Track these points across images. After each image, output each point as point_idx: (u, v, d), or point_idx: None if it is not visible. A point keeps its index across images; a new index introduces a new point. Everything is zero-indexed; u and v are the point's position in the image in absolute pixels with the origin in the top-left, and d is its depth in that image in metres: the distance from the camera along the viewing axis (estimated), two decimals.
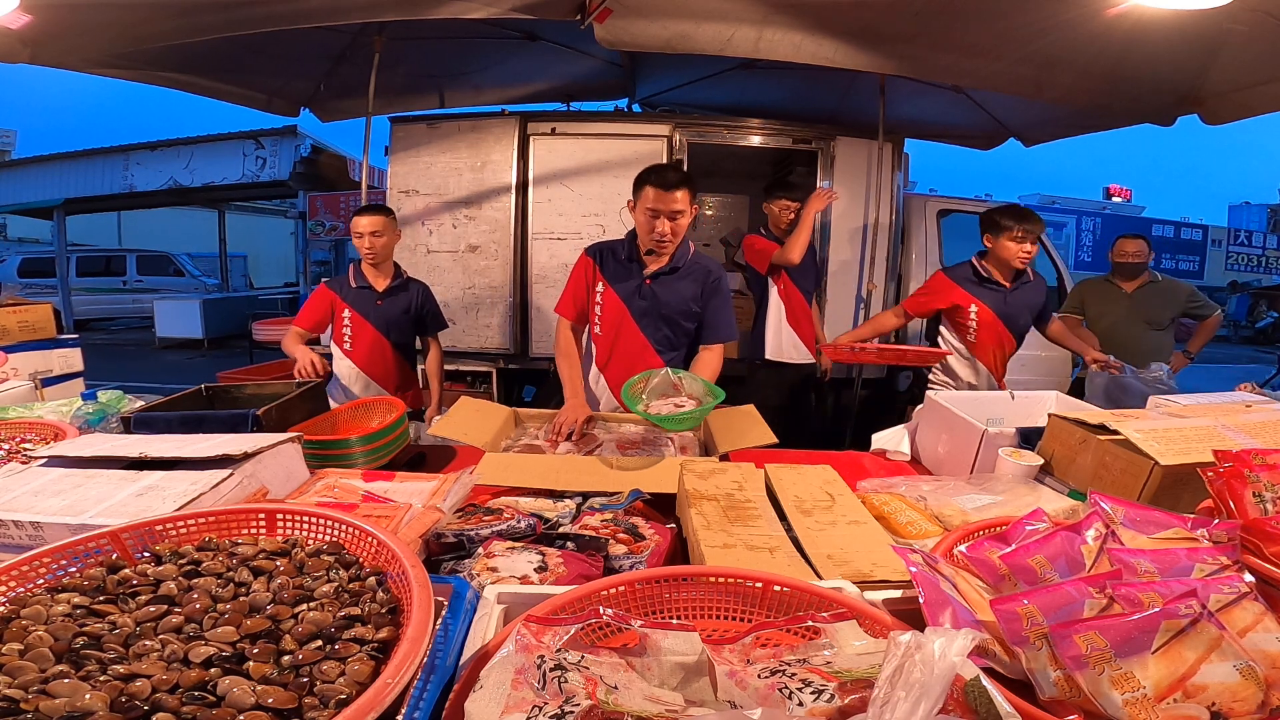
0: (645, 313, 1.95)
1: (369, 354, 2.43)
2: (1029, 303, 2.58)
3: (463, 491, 1.13)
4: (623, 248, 1.98)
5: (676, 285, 1.94)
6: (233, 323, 10.17)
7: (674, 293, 1.94)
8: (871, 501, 1.17)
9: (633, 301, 1.95)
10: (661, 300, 1.93)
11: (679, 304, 1.94)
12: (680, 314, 1.96)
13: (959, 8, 2.14)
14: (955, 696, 0.51)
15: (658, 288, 1.93)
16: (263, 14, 2.11)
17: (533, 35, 3.48)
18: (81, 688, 0.50)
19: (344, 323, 2.42)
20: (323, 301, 2.43)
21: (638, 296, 1.94)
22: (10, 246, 15.36)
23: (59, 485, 1.00)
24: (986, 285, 2.55)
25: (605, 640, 0.64)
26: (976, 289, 2.57)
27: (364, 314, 2.42)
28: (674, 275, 1.94)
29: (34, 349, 2.43)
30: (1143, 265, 3.37)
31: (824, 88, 3.87)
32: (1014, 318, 2.57)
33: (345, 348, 2.44)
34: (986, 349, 2.63)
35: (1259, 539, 0.75)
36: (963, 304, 2.57)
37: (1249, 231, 20.97)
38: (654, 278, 1.93)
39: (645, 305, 1.94)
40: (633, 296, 1.94)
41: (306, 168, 8.76)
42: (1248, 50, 2.19)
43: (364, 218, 2.39)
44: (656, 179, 1.79)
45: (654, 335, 1.96)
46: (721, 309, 1.98)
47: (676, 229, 1.83)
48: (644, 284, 1.93)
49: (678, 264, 1.93)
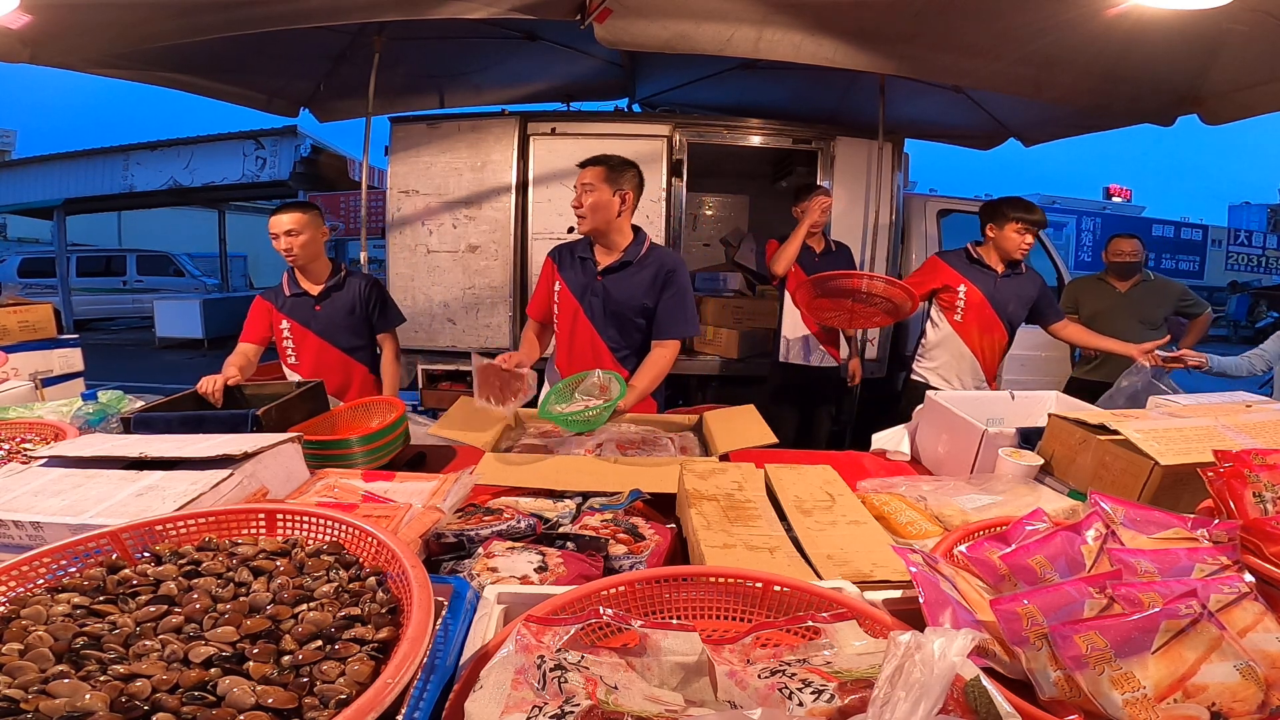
0: (597, 310, 1.94)
1: (316, 365, 2.20)
2: (1020, 293, 2.59)
3: (463, 491, 1.13)
4: (580, 246, 1.99)
5: (628, 281, 1.93)
6: (233, 323, 10.08)
7: (625, 289, 1.93)
8: (871, 501, 1.17)
9: (585, 298, 1.95)
10: (613, 296, 1.92)
11: (630, 300, 1.92)
12: (631, 310, 1.93)
13: (959, 8, 2.14)
14: (955, 696, 0.51)
15: (609, 284, 1.93)
16: (263, 14, 2.11)
17: (533, 35, 3.48)
18: (81, 688, 0.50)
19: (284, 335, 2.21)
20: (261, 312, 2.21)
21: (590, 293, 1.94)
22: (10, 246, 15.36)
23: (59, 485, 1.00)
24: (977, 267, 2.60)
25: (605, 640, 0.64)
26: (967, 269, 2.62)
27: (303, 322, 2.20)
28: (626, 270, 1.93)
29: (34, 349, 2.44)
30: (1138, 265, 3.39)
31: (824, 88, 3.87)
32: (1002, 304, 2.58)
33: (290, 362, 2.24)
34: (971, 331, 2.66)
35: (1259, 539, 0.75)
36: (952, 284, 2.62)
37: (1249, 231, 20.99)
38: (605, 274, 1.93)
39: (597, 302, 1.94)
40: (585, 293, 1.94)
41: (306, 168, 8.75)
42: (1248, 50, 2.19)
43: (279, 215, 2.13)
44: (581, 162, 1.93)
45: (605, 332, 1.95)
46: (674, 303, 1.93)
47: (585, 200, 1.87)
48: (596, 280, 1.94)
49: (630, 259, 1.93)
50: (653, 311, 1.95)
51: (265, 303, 2.24)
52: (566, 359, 2.01)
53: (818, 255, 3.12)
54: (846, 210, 3.76)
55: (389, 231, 3.76)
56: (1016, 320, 2.65)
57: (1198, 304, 3.47)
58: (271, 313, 2.22)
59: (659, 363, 1.91)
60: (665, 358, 1.93)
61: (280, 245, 2.13)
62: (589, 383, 1.68)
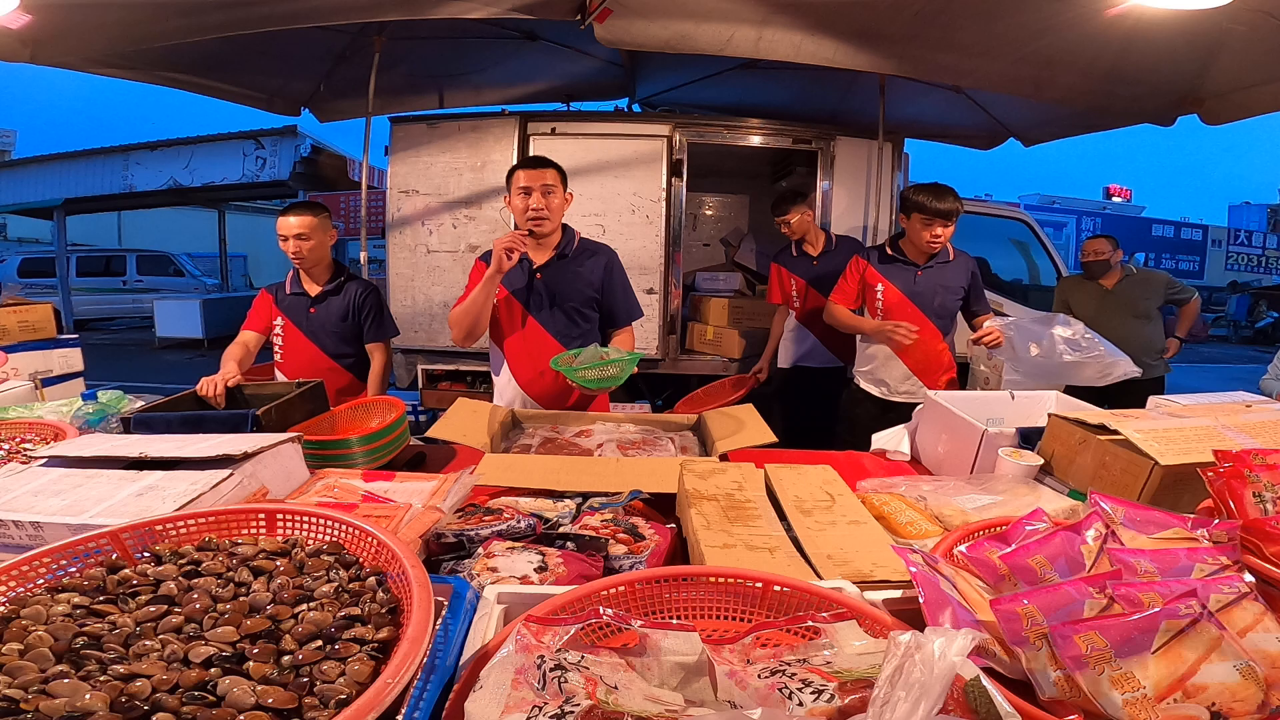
0: (541, 305, 1.93)
1: (301, 367, 2.19)
2: (947, 283, 2.45)
3: (463, 491, 1.13)
4: None
5: (568, 272, 1.93)
6: (233, 323, 10.03)
7: (566, 280, 1.92)
8: (871, 501, 1.17)
9: (526, 296, 1.93)
10: (554, 290, 1.92)
11: (574, 290, 1.92)
12: (578, 301, 1.94)
13: (959, 8, 2.14)
14: (955, 696, 0.51)
15: (548, 278, 1.92)
16: (263, 14, 2.11)
17: (533, 35, 3.48)
18: (81, 688, 0.50)
19: (275, 331, 2.21)
20: (264, 304, 2.23)
21: (530, 290, 1.92)
22: (10, 246, 15.38)
23: (59, 485, 1.00)
24: (895, 264, 2.47)
25: (605, 640, 0.64)
26: (885, 268, 2.49)
27: (296, 322, 2.19)
28: (564, 262, 1.93)
29: (34, 349, 2.44)
30: (1106, 263, 3.43)
31: (824, 88, 3.87)
32: (927, 298, 2.44)
33: (277, 359, 2.23)
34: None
35: (1259, 539, 0.75)
36: (871, 283, 2.51)
37: (1249, 231, 21.00)
38: (543, 269, 1.92)
39: (539, 298, 1.92)
40: (525, 291, 1.93)
41: (306, 168, 8.75)
42: (1248, 50, 2.19)
43: (290, 217, 2.09)
44: (523, 163, 1.88)
45: (553, 326, 1.94)
46: (619, 292, 1.98)
47: (550, 204, 1.84)
48: (535, 277, 1.92)
49: (565, 251, 1.93)
50: (599, 302, 1.97)
51: (268, 295, 2.25)
52: (516, 360, 1.98)
53: (816, 258, 3.10)
54: (846, 210, 3.75)
55: (389, 231, 3.75)
56: (948, 312, 2.50)
57: (1184, 290, 3.54)
58: (271, 307, 2.23)
59: (626, 345, 1.96)
60: (632, 345, 1.97)
61: (290, 248, 2.11)
62: (585, 355, 1.69)
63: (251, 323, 2.22)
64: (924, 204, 2.29)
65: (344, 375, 2.24)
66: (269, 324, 2.22)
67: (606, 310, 1.99)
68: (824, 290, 3.00)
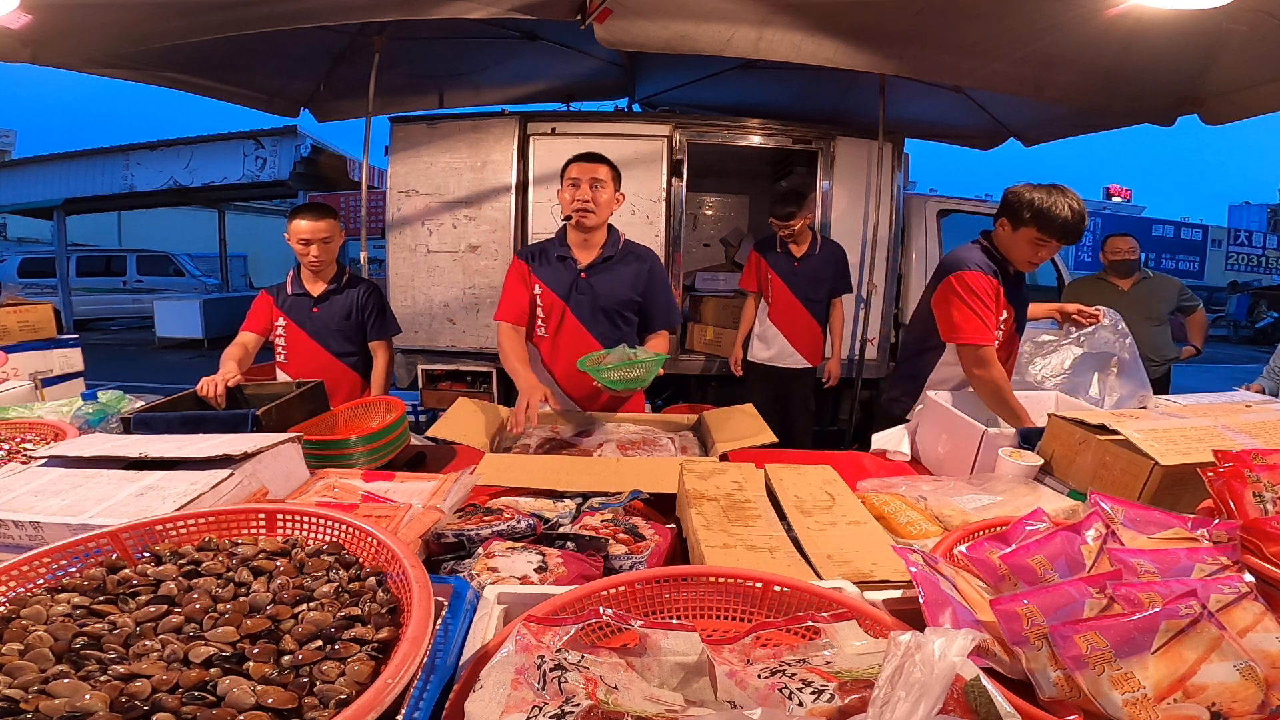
0: (584, 307, 1.92)
1: (304, 367, 2.20)
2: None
3: (463, 491, 1.13)
4: (553, 245, 1.96)
5: (612, 274, 1.92)
6: (233, 323, 10.01)
7: (610, 283, 1.92)
8: (871, 501, 1.17)
9: (571, 297, 1.92)
10: (599, 292, 1.91)
11: (617, 294, 1.92)
12: (620, 304, 1.93)
13: (960, 8, 2.14)
14: (955, 696, 0.51)
15: (594, 279, 1.91)
16: (263, 14, 2.11)
17: (533, 35, 3.48)
18: (81, 688, 0.50)
19: (278, 332, 2.22)
20: (264, 306, 2.22)
21: (575, 291, 1.92)
22: (10, 246, 15.37)
23: (59, 485, 1.00)
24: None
25: (605, 640, 0.64)
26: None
27: (298, 322, 2.20)
28: (608, 264, 1.92)
29: (34, 349, 2.44)
30: (1136, 262, 3.44)
31: (824, 88, 3.87)
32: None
33: (279, 360, 2.24)
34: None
35: (1259, 539, 0.75)
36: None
37: (1249, 231, 21.00)
38: (588, 270, 1.91)
39: (584, 299, 1.92)
40: (570, 292, 1.92)
41: (306, 168, 8.75)
42: (1248, 50, 2.19)
43: (308, 221, 2.09)
44: (577, 156, 1.88)
45: (595, 329, 1.94)
46: (661, 295, 1.98)
47: (598, 198, 1.83)
48: (580, 278, 1.92)
49: (610, 253, 1.92)
50: (640, 305, 1.96)
51: (268, 297, 2.24)
52: (554, 359, 1.98)
53: (798, 260, 3.11)
54: (846, 210, 3.76)
55: (389, 231, 3.76)
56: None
57: (1193, 299, 3.60)
58: (271, 308, 2.22)
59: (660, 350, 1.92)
60: (664, 349, 1.95)
61: (313, 252, 2.11)
62: (613, 357, 1.68)
63: (251, 324, 2.21)
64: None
65: (349, 374, 2.26)
66: (269, 325, 2.22)
67: (645, 314, 1.99)
68: (797, 290, 3.12)
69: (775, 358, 3.20)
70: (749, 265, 3.26)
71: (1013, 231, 1.80)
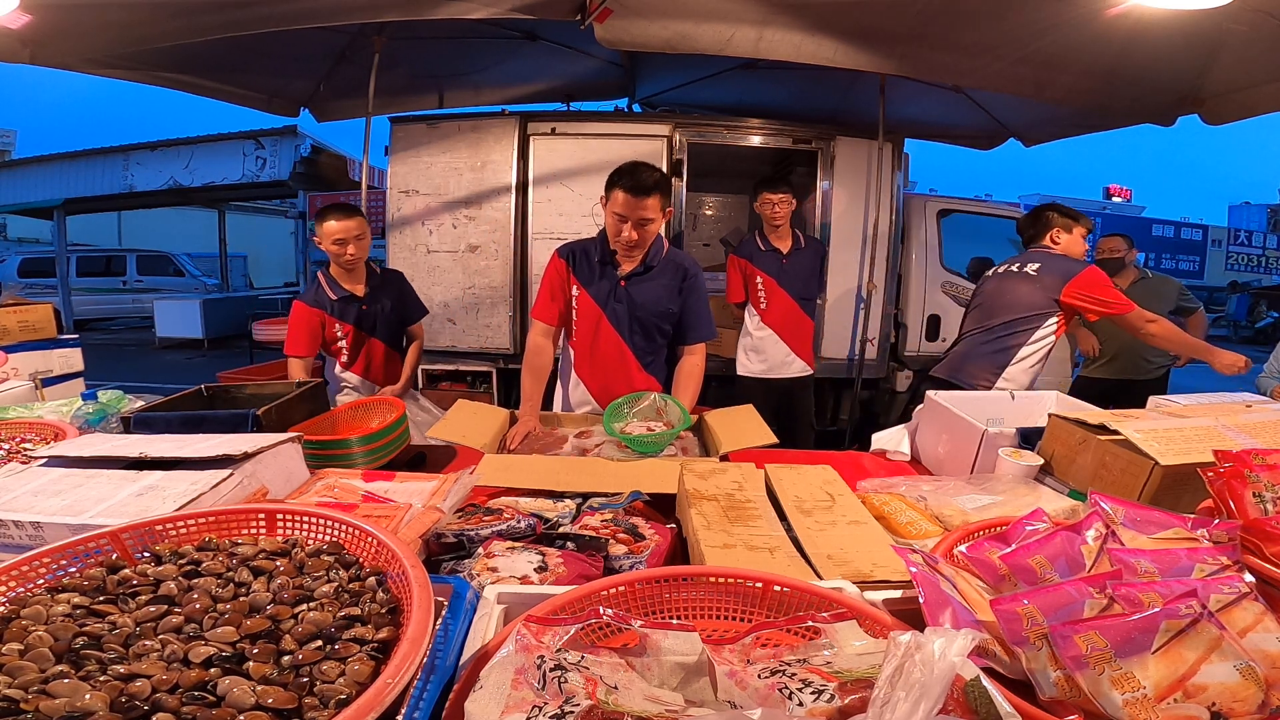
0: (621, 316, 1.88)
1: (368, 361, 2.32)
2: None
3: (463, 492, 1.13)
4: (595, 248, 1.90)
5: (651, 285, 1.89)
6: (233, 323, 10.17)
7: (649, 294, 1.88)
8: (871, 501, 1.17)
9: (608, 305, 1.88)
10: (637, 302, 1.88)
11: (655, 305, 1.88)
12: (657, 315, 1.90)
13: (959, 8, 2.14)
14: (955, 696, 0.51)
15: (633, 290, 1.87)
16: (263, 14, 2.11)
17: (533, 35, 3.48)
18: (81, 688, 0.50)
19: (337, 336, 2.25)
20: (312, 321, 2.22)
21: (613, 300, 1.88)
22: (10, 246, 15.36)
23: (59, 485, 1.00)
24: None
25: (605, 640, 0.64)
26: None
27: (355, 323, 2.27)
28: (648, 275, 1.88)
29: (34, 349, 2.43)
30: (1121, 260, 3.44)
31: (824, 88, 3.87)
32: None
33: (343, 361, 2.30)
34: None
35: (1259, 539, 0.75)
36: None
37: (1249, 231, 21.01)
38: (628, 279, 1.87)
39: (621, 309, 1.88)
40: (608, 300, 1.88)
41: (306, 168, 8.75)
42: (1248, 50, 2.19)
43: (340, 221, 2.12)
44: (628, 182, 1.70)
45: (630, 339, 1.90)
46: (698, 308, 1.92)
47: (644, 236, 1.77)
48: (619, 286, 1.87)
49: (651, 263, 1.88)
50: (676, 316, 1.92)
51: (313, 311, 2.22)
52: (588, 366, 1.95)
53: (785, 256, 3.05)
54: (846, 210, 3.76)
55: (389, 231, 3.76)
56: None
57: (1192, 300, 3.58)
58: (324, 319, 2.23)
59: (695, 373, 1.90)
60: (699, 365, 1.91)
61: (349, 250, 2.14)
62: (645, 405, 1.65)
63: (299, 345, 2.19)
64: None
65: (396, 358, 2.39)
66: (316, 345, 2.24)
67: (682, 325, 1.93)
68: (790, 287, 3.07)
69: (771, 369, 3.08)
70: (731, 275, 3.12)
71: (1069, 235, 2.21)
